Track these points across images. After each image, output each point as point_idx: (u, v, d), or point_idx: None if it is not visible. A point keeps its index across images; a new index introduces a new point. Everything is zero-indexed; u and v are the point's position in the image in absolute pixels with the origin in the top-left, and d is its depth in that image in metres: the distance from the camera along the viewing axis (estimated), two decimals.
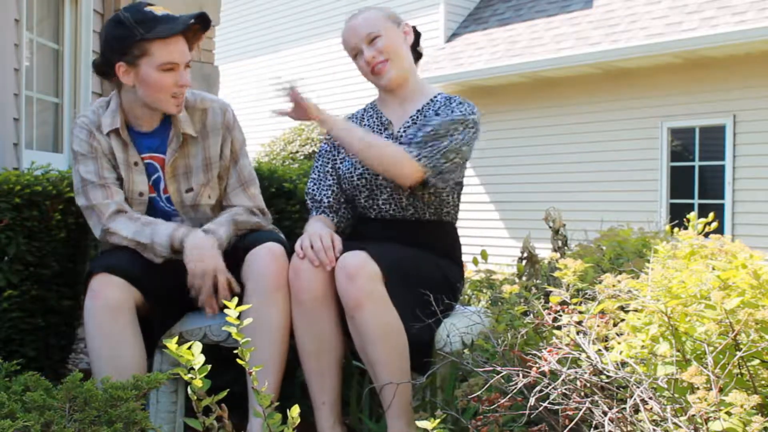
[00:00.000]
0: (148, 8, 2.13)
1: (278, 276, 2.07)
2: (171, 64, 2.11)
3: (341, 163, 2.38)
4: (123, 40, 2.09)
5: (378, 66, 2.29)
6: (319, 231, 2.12)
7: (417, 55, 2.45)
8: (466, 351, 2.13)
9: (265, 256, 2.09)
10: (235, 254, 2.17)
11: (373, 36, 2.29)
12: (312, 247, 2.07)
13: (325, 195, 2.37)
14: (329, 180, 2.38)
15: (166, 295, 2.14)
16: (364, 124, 2.39)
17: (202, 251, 2.08)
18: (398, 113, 2.37)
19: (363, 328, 1.98)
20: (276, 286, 2.07)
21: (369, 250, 2.05)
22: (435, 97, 2.36)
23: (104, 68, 2.19)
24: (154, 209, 2.28)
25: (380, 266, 2.01)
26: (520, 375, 1.51)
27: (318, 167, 2.42)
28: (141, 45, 2.08)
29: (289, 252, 2.16)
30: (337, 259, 2.07)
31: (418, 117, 2.33)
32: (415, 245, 2.25)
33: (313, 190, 2.40)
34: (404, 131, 2.31)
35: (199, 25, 2.16)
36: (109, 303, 2.01)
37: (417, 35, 2.43)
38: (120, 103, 2.22)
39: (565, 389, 1.45)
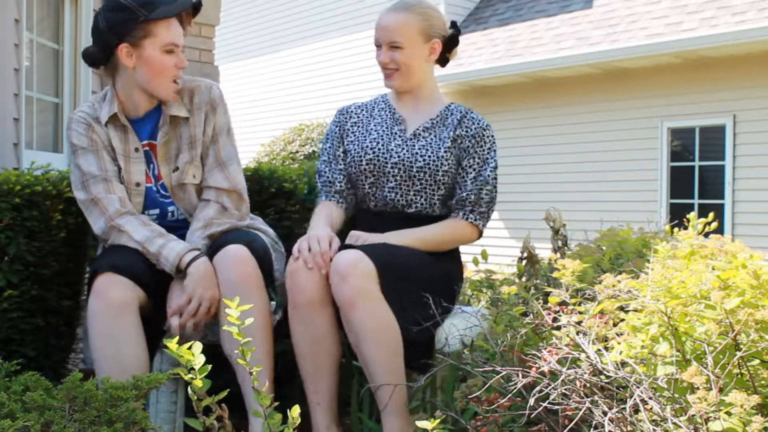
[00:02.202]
0: None
1: (246, 278, 2.07)
2: (173, 45, 2.18)
3: (350, 145, 2.39)
4: (127, 23, 2.14)
5: (386, 71, 2.35)
6: (317, 233, 2.13)
7: (445, 60, 2.44)
8: (466, 351, 2.13)
9: (231, 261, 2.09)
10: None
11: (395, 45, 2.31)
12: (309, 249, 2.08)
13: (337, 178, 2.39)
14: (340, 164, 2.40)
15: (166, 295, 2.14)
16: (375, 115, 2.42)
17: (210, 280, 2.09)
18: (411, 111, 2.40)
19: (356, 327, 1.99)
20: (245, 289, 2.06)
21: (363, 248, 2.05)
22: (449, 106, 2.40)
23: (99, 55, 2.21)
24: (149, 199, 2.28)
25: (375, 264, 2.01)
26: (520, 375, 1.51)
27: (328, 149, 2.43)
28: (145, 26, 2.14)
29: (263, 248, 2.17)
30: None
31: (436, 123, 2.37)
32: None
33: (326, 171, 2.41)
34: (422, 131, 2.35)
35: (191, 8, 2.24)
36: (113, 302, 2.00)
37: (452, 42, 2.41)
38: (115, 92, 2.24)
39: (565, 389, 1.45)
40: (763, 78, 6.96)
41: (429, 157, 2.30)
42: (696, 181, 7.50)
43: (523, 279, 3.14)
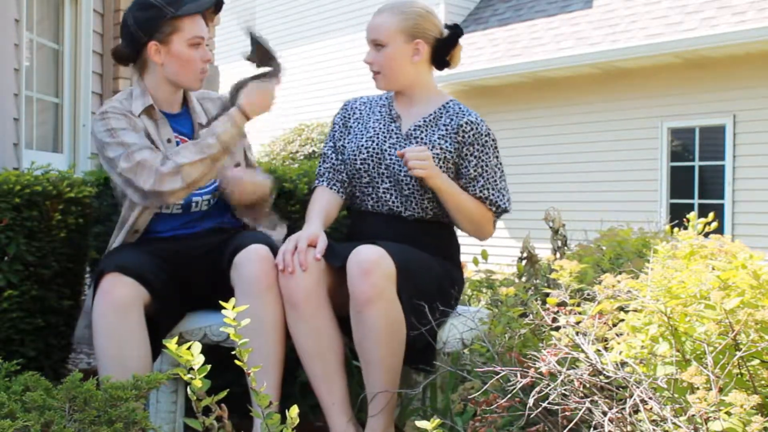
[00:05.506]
0: None
1: (266, 277, 2.07)
2: (198, 39, 2.27)
3: (349, 143, 2.38)
4: (155, 20, 2.23)
5: (372, 72, 2.35)
6: (299, 234, 2.12)
7: (444, 64, 2.40)
8: (465, 351, 2.13)
9: (252, 259, 2.09)
10: (221, 258, 2.17)
11: (377, 44, 2.31)
12: (296, 249, 2.07)
13: (341, 168, 2.38)
14: (333, 159, 2.41)
15: (170, 296, 2.15)
16: (375, 111, 2.41)
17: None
18: (407, 109, 2.38)
19: (368, 325, 1.96)
20: (265, 287, 2.06)
21: (384, 246, 2.03)
22: (447, 103, 2.36)
23: (128, 52, 2.30)
24: None
25: (395, 264, 2.00)
26: (518, 375, 1.51)
27: (333, 137, 2.45)
28: (172, 22, 2.24)
29: (277, 248, 2.16)
30: (340, 256, 2.06)
31: (430, 121, 2.33)
32: (416, 245, 2.25)
33: (332, 157, 2.42)
34: (413, 130, 2.33)
35: (214, 5, 2.33)
36: (118, 302, 2.01)
37: (447, 44, 2.39)
38: (146, 87, 2.31)
39: (564, 390, 1.45)
40: (763, 78, 6.96)
41: None
42: (696, 181, 7.50)
43: (523, 279, 3.15)
